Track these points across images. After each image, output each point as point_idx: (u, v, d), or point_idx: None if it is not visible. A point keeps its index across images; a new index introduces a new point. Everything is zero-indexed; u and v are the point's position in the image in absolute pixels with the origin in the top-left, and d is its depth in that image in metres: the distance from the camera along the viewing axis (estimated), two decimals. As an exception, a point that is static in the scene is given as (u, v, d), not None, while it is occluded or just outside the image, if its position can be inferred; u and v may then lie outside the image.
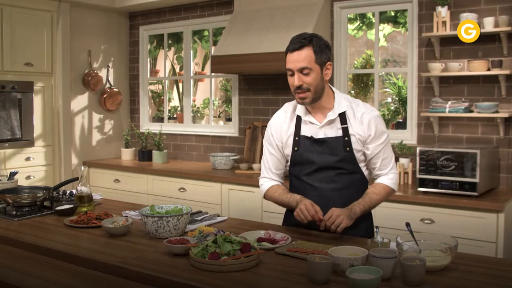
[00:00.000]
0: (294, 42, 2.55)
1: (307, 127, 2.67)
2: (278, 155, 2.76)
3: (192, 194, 5.23)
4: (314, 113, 2.68)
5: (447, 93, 4.45)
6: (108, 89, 6.33)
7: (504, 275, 2.03)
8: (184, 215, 2.55)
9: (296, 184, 2.75)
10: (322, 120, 2.65)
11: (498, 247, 3.70)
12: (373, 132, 2.63)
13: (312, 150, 2.64)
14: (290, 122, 2.72)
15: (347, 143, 2.61)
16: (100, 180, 5.95)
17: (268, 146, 2.79)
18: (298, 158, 2.69)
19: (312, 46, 2.52)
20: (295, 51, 2.52)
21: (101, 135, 6.39)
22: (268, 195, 2.80)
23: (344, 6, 5.01)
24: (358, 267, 1.90)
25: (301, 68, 2.51)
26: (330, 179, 2.64)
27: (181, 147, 6.28)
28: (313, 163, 2.64)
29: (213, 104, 6.70)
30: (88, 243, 2.52)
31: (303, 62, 2.51)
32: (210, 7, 5.89)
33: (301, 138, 2.67)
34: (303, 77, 2.53)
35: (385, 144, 2.68)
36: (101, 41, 6.31)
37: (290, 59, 2.54)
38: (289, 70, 2.56)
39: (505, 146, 4.24)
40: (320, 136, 2.63)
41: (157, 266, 2.13)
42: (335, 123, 2.63)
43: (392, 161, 2.73)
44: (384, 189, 2.70)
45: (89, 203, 3.16)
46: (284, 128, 2.72)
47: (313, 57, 2.52)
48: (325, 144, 2.62)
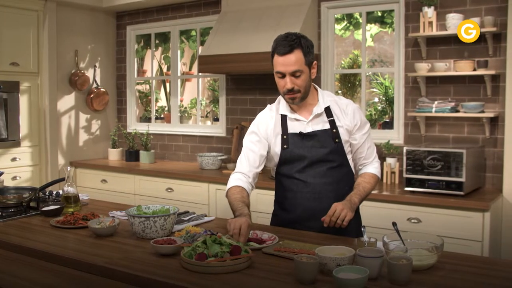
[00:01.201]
0: (282, 44, 2.54)
1: (294, 124, 2.68)
2: (260, 151, 2.72)
3: (180, 194, 5.22)
4: (299, 111, 2.70)
5: (434, 93, 4.48)
6: (95, 89, 6.29)
7: (491, 274, 2.05)
8: (171, 215, 2.55)
9: (286, 183, 2.75)
10: (308, 116, 2.68)
11: (484, 246, 3.73)
12: (358, 121, 2.71)
13: (302, 146, 2.66)
14: (276, 121, 2.72)
15: (335, 135, 2.66)
16: (87, 180, 5.92)
17: (249, 143, 2.75)
18: (288, 156, 2.69)
19: (301, 48, 2.53)
20: (286, 54, 2.51)
21: (88, 135, 6.36)
22: (228, 193, 2.68)
23: (331, 6, 5.02)
24: (345, 267, 1.90)
25: (293, 71, 2.52)
26: (322, 173, 2.66)
27: (168, 147, 6.26)
28: (305, 158, 2.66)
29: (201, 104, 6.68)
30: (75, 244, 2.51)
31: (295, 66, 2.52)
32: (198, 7, 5.87)
33: (289, 136, 2.68)
34: (295, 79, 2.54)
35: (369, 134, 2.78)
36: (88, 40, 6.27)
37: (280, 62, 2.54)
38: (279, 73, 2.56)
39: (491, 146, 4.27)
40: (309, 130, 2.66)
41: (144, 267, 2.12)
42: (322, 117, 2.68)
43: (375, 150, 2.84)
44: (373, 177, 2.78)
45: (75, 204, 3.14)
46: (270, 126, 2.72)
47: (303, 59, 2.54)
48: (315, 138, 2.65)
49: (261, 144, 2.73)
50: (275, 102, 2.78)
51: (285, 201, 2.77)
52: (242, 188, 2.68)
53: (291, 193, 2.73)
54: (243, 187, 2.68)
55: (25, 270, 2.23)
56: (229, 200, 2.65)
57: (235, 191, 2.66)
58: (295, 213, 2.73)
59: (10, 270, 2.23)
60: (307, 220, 2.69)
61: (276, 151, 2.72)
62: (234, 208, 2.56)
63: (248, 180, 2.72)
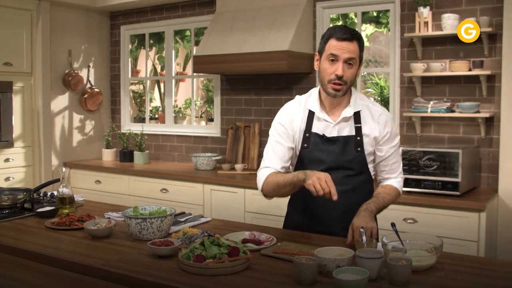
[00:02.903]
0: (342, 31, 2.43)
1: (319, 124, 2.55)
2: (288, 143, 2.57)
3: (174, 195, 5.19)
4: (329, 109, 2.57)
5: (429, 93, 4.47)
6: (88, 89, 6.26)
7: (489, 275, 2.05)
8: (168, 217, 2.53)
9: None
10: (336, 117, 2.55)
11: (479, 246, 3.73)
12: (388, 133, 2.58)
13: (322, 149, 2.53)
14: (302, 113, 2.58)
15: (359, 143, 2.53)
16: (81, 181, 5.88)
17: (276, 136, 2.59)
18: (306, 156, 2.56)
19: (359, 41, 2.46)
20: (346, 40, 2.41)
21: (82, 135, 6.32)
22: (268, 182, 2.50)
23: (326, 6, 5.01)
24: (345, 268, 1.89)
25: (349, 58, 2.42)
26: (338, 181, 2.41)
27: (162, 147, 6.24)
28: (322, 162, 2.53)
29: (195, 105, 6.67)
30: (70, 246, 2.48)
31: (353, 54, 2.43)
32: (192, 7, 5.85)
33: (312, 135, 2.55)
34: (347, 68, 2.43)
35: (397, 148, 2.65)
36: (81, 40, 6.24)
37: (338, 46, 2.41)
38: (333, 55, 2.42)
39: (486, 146, 4.27)
40: (333, 135, 2.53)
41: (141, 268, 2.10)
42: (349, 121, 2.54)
43: (400, 165, 2.69)
44: (394, 190, 2.64)
45: (70, 205, 3.12)
46: (297, 121, 2.58)
47: (358, 52, 2.46)
48: (337, 143, 2.53)
49: (288, 137, 2.57)
50: (306, 94, 2.64)
51: (298, 204, 2.69)
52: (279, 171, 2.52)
53: (304, 196, 2.55)
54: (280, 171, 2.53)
55: (20, 272, 2.21)
56: (275, 183, 2.46)
57: (274, 174, 2.50)
58: (306, 217, 2.64)
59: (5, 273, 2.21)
60: (318, 225, 2.59)
61: (297, 148, 2.59)
62: (290, 178, 2.38)
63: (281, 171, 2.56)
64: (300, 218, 2.68)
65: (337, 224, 2.53)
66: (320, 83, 2.56)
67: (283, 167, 2.56)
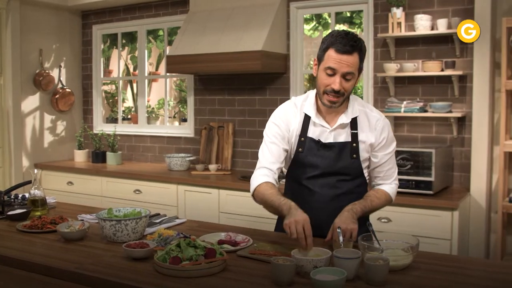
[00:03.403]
0: (343, 42, 2.31)
1: (315, 129, 2.50)
2: (283, 145, 2.50)
3: (148, 196, 5.14)
4: (326, 115, 2.51)
5: (402, 93, 4.51)
6: (60, 90, 6.17)
7: (465, 273, 2.07)
8: (142, 218, 2.50)
9: (293, 186, 2.59)
10: (333, 123, 2.49)
11: (452, 244, 3.77)
12: (385, 139, 2.52)
13: (317, 155, 2.48)
14: (298, 117, 2.52)
15: (354, 150, 2.48)
16: (53, 182, 5.79)
17: (272, 137, 2.52)
18: (301, 161, 2.51)
19: (360, 52, 2.35)
20: (346, 53, 2.30)
21: (53, 136, 6.22)
22: (259, 191, 2.43)
23: (300, 6, 5.02)
24: (322, 268, 1.89)
25: (347, 72, 2.33)
26: (332, 185, 2.48)
27: (135, 148, 6.18)
28: (317, 167, 2.49)
29: (168, 105, 6.62)
30: (43, 249, 2.43)
31: (351, 68, 2.33)
32: (165, 6, 5.81)
33: (307, 140, 2.50)
34: (344, 82, 2.34)
35: (393, 154, 2.60)
36: (52, 40, 6.14)
37: (337, 59, 2.31)
38: (331, 69, 2.34)
39: (458, 145, 4.32)
40: (329, 140, 2.48)
41: (116, 271, 2.07)
42: (346, 127, 2.49)
43: (395, 172, 2.63)
44: (385, 196, 2.58)
45: (42, 207, 3.06)
46: (293, 125, 2.51)
47: (358, 63, 2.36)
48: (332, 149, 2.48)
49: (283, 139, 2.51)
50: (302, 98, 2.57)
51: None
52: (273, 184, 2.44)
53: (296, 198, 2.47)
54: (273, 183, 2.44)
55: (-9, 277, 2.16)
56: (263, 198, 2.40)
57: (267, 186, 2.41)
58: None
59: (-24, 277, 2.16)
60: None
61: (292, 151, 2.55)
62: (276, 204, 2.32)
63: (274, 177, 2.48)
64: None
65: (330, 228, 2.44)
66: (316, 90, 2.48)
67: (279, 168, 2.51)
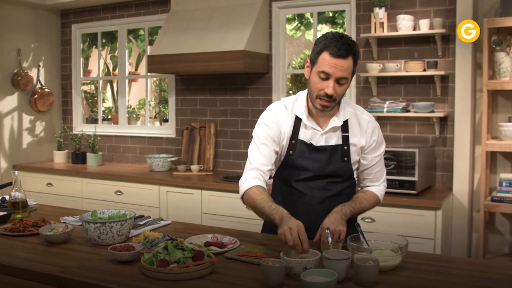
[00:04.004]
0: (337, 45, 2.26)
1: (306, 132, 2.46)
2: (274, 146, 2.46)
3: (129, 197, 5.09)
4: (317, 117, 2.47)
5: (385, 93, 4.53)
6: (39, 90, 6.07)
7: (454, 273, 2.07)
8: (127, 220, 2.46)
9: (282, 188, 2.56)
10: (324, 126, 2.45)
11: (436, 244, 3.79)
12: (375, 142, 2.51)
13: (308, 158, 2.45)
14: (289, 120, 2.48)
15: (345, 153, 2.46)
16: (32, 184, 5.70)
17: (262, 138, 2.46)
18: (291, 163, 2.48)
19: (354, 56, 2.31)
20: (341, 57, 2.26)
21: (32, 137, 6.13)
22: (249, 195, 2.36)
23: (282, 6, 5.01)
24: (312, 270, 1.87)
25: (341, 77, 2.28)
26: (322, 187, 2.47)
27: (116, 149, 6.11)
28: (308, 170, 2.46)
29: (149, 105, 6.56)
30: (25, 253, 2.38)
31: (345, 72, 2.28)
32: (146, 5, 5.75)
33: (298, 143, 2.46)
34: (337, 87, 2.30)
35: (382, 156, 2.58)
36: (31, 39, 6.04)
37: (331, 63, 2.26)
38: (325, 73, 2.28)
39: (441, 145, 4.35)
40: (321, 144, 2.45)
41: (103, 275, 2.03)
42: (337, 131, 2.46)
43: (384, 174, 2.62)
44: (374, 197, 2.58)
45: (24, 210, 2.99)
46: (284, 128, 2.47)
47: (352, 68, 2.31)
48: (324, 152, 2.45)
49: (274, 140, 2.46)
50: (292, 99, 2.52)
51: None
52: (264, 188, 2.37)
53: (285, 200, 2.51)
54: (264, 186, 2.38)
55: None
56: (253, 203, 2.33)
57: (258, 191, 2.35)
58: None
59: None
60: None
61: (282, 153, 2.51)
62: (267, 211, 2.25)
63: (265, 179, 2.43)
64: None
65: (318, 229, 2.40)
66: (308, 93, 2.44)
67: (270, 170, 2.47)
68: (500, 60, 3.90)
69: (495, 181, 4.16)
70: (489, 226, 4.17)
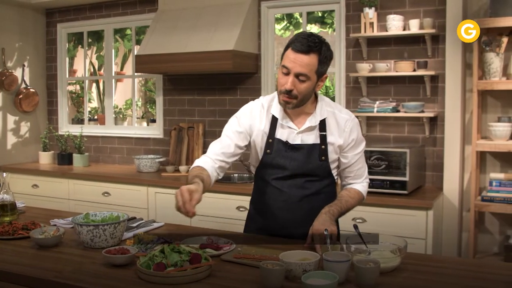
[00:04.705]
0: (302, 41, 2.29)
1: (283, 131, 2.48)
2: (238, 141, 2.50)
3: (117, 199, 5.03)
4: (293, 116, 2.49)
5: (374, 93, 4.52)
6: (24, 90, 5.99)
7: (453, 273, 2.06)
8: (121, 223, 2.42)
9: (262, 186, 2.58)
10: (301, 125, 2.47)
11: (427, 244, 3.78)
12: (354, 141, 2.51)
13: (285, 156, 2.47)
14: (265, 119, 2.50)
15: (323, 152, 2.46)
16: (17, 185, 5.58)
17: (229, 130, 2.52)
18: (269, 162, 2.50)
19: (319, 54, 2.30)
20: (301, 53, 2.28)
21: (17, 138, 6.03)
22: (189, 172, 2.43)
23: (271, 6, 4.98)
24: (313, 272, 1.85)
25: (299, 73, 2.29)
26: (300, 185, 2.48)
27: (103, 149, 6.04)
28: (285, 169, 2.48)
29: (136, 105, 6.50)
30: (16, 257, 2.32)
31: (305, 68, 2.29)
32: (133, 5, 5.70)
33: (275, 141, 2.48)
34: (297, 83, 2.31)
35: (362, 153, 2.58)
36: (15, 38, 5.95)
37: (291, 58, 2.29)
38: (285, 68, 2.31)
39: (430, 145, 4.35)
40: (297, 142, 2.46)
41: (98, 279, 1.98)
42: (315, 130, 2.47)
43: (366, 170, 2.63)
44: (358, 195, 2.58)
45: (12, 212, 2.95)
46: (258, 126, 2.50)
47: (316, 66, 2.31)
48: (301, 151, 2.46)
49: (241, 135, 2.50)
50: (269, 97, 2.54)
51: (260, 205, 2.62)
52: (203, 168, 2.41)
53: (265, 198, 2.55)
54: (206, 168, 2.42)
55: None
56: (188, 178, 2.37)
57: (195, 169, 2.41)
58: (268, 220, 2.58)
59: None
60: (279, 230, 2.53)
61: (258, 152, 2.53)
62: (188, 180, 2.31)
63: (214, 166, 2.46)
64: (262, 220, 2.61)
65: (300, 229, 2.44)
66: None
67: (223, 161, 2.49)
68: (490, 61, 3.92)
69: (484, 181, 4.17)
70: (479, 225, 4.18)
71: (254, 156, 2.57)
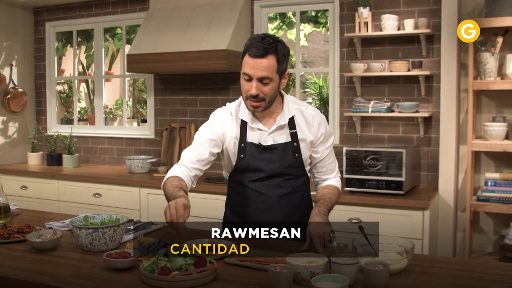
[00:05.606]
0: (257, 46, 2.31)
1: (254, 133, 2.50)
2: (211, 148, 2.51)
3: (109, 200, 4.97)
4: (262, 118, 2.51)
5: (369, 93, 4.50)
6: (11, 89, 5.90)
7: (460, 275, 2.04)
8: (121, 226, 2.37)
9: (239, 190, 2.59)
10: (271, 126, 2.50)
11: (424, 244, 3.78)
12: (323, 135, 2.56)
13: (260, 158, 2.49)
14: (234, 124, 2.52)
15: (296, 149, 2.50)
16: (5, 187, 5.42)
17: (201, 138, 2.53)
18: (244, 166, 2.52)
19: (276, 54, 2.33)
20: (259, 57, 2.30)
21: (5, 138, 5.94)
22: (165, 183, 2.41)
23: (264, 5, 4.95)
24: (322, 275, 1.82)
25: (262, 77, 2.32)
26: (277, 185, 2.52)
27: (93, 150, 5.97)
28: (261, 171, 2.50)
29: (127, 105, 6.42)
30: (12, 261, 2.26)
31: (266, 71, 2.31)
32: (123, 3, 5.63)
33: (247, 145, 2.50)
34: (262, 86, 2.34)
35: (332, 148, 2.63)
36: (3, 37, 5.85)
37: (250, 64, 2.32)
38: (246, 75, 2.34)
39: (425, 145, 4.35)
40: (269, 143, 2.49)
41: (99, 284, 1.94)
42: (285, 128, 2.51)
43: (336, 165, 2.68)
44: (336, 189, 2.62)
45: (6, 215, 2.89)
46: (229, 132, 2.52)
47: (276, 66, 2.34)
48: (274, 151, 2.49)
49: (213, 142, 2.52)
50: (235, 103, 2.56)
51: (238, 207, 2.63)
52: (181, 178, 2.42)
53: (244, 200, 2.57)
54: (183, 178, 2.43)
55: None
56: (165, 190, 2.37)
57: (173, 179, 2.41)
58: (245, 220, 2.58)
59: None
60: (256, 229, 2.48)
61: (232, 158, 2.55)
62: (169, 195, 2.29)
63: (190, 174, 2.47)
64: (238, 220, 2.61)
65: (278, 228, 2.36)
66: None
67: (197, 169, 2.51)
68: (485, 61, 3.91)
69: (479, 181, 4.17)
70: (474, 225, 4.18)
71: (227, 162, 2.60)
